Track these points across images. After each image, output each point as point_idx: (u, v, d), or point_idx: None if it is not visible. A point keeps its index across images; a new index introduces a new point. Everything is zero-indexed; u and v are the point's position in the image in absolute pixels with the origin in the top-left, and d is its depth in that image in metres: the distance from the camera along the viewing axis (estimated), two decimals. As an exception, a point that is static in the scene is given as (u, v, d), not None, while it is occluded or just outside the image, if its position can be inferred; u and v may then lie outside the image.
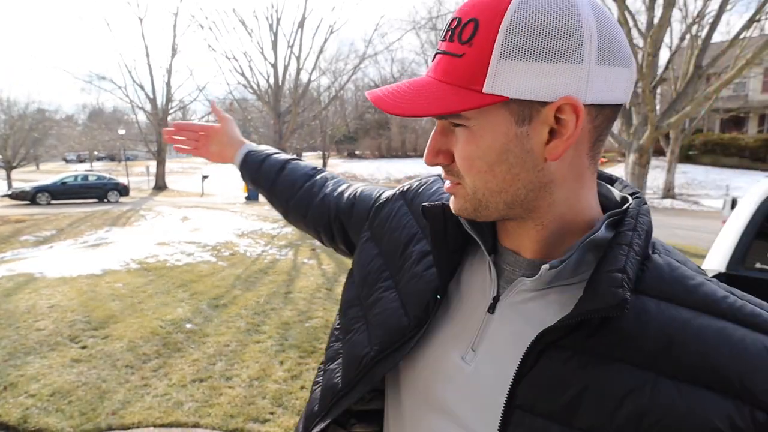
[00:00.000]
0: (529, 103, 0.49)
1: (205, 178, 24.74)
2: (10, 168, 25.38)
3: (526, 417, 0.50)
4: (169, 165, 38.40)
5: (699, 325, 0.48)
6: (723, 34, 18.43)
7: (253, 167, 1.07)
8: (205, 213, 14.76)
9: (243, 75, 15.52)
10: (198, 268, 7.36)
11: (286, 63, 16.14)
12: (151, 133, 28.21)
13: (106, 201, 20.61)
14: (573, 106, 0.48)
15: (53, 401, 3.29)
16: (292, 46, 15.94)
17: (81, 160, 56.75)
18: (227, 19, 42.83)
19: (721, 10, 7.95)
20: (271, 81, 16.06)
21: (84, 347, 4.23)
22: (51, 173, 31.14)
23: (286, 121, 15.49)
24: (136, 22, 51.68)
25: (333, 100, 20.09)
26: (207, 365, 3.90)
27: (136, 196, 22.77)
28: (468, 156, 0.53)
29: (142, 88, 25.55)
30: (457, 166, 0.54)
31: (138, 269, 7.29)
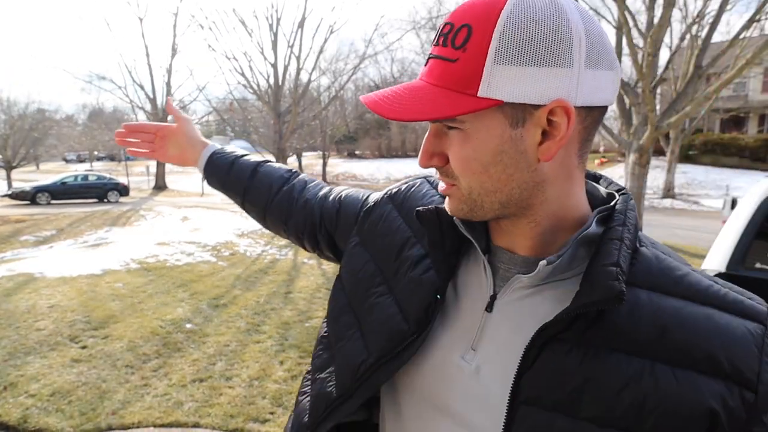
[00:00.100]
0: (523, 106, 0.50)
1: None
2: (10, 168, 25.36)
3: (530, 411, 0.51)
4: (169, 165, 38.27)
5: (688, 312, 0.51)
6: (723, 34, 18.41)
7: (221, 169, 1.00)
8: (205, 213, 14.77)
9: (243, 75, 15.50)
10: (198, 268, 7.36)
11: (286, 63, 16.12)
12: (151, 133, 28.06)
13: (106, 201, 20.60)
14: (564, 108, 0.50)
15: (53, 401, 3.29)
16: (292, 46, 15.93)
17: (81, 160, 56.72)
18: (227, 19, 42.88)
19: (721, 10, 7.94)
20: (271, 81, 16.05)
21: (84, 347, 4.23)
22: (51, 173, 31.14)
23: (286, 121, 15.49)
24: (136, 22, 51.78)
25: (333, 100, 20.08)
26: (207, 365, 3.90)
27: (136, 196, 22.77)
28: (463, 158, 0.54)
29: (142, 88, 25.55)
30: (452, 168, 0.56)
31: (138, 269, 7.29)
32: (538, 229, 0.57)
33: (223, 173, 1.00)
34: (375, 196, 0.81)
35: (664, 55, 11.75)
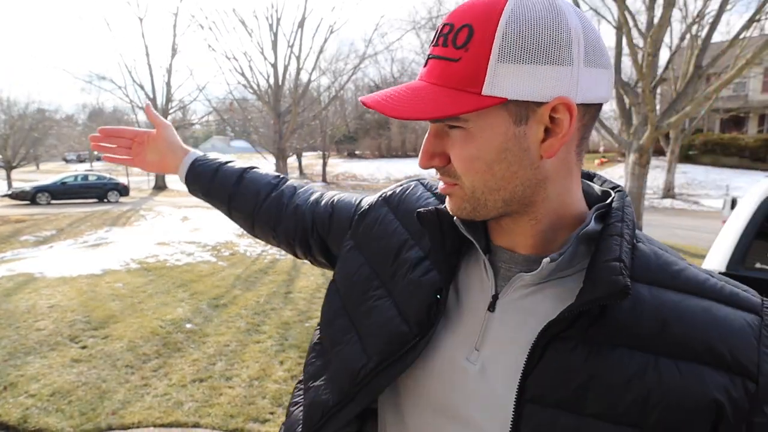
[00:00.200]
0: (526, 104, 0.51)
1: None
2: (10, 168, 25.36)
3: (536, 409, 0.52)
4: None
5: (688, 306, 0.52)
6: (723, 34, 18.42)
7: (204, 177, 0.97)
8: (205, 213, 14.76)
9: (243, 75, 15.53)
10: (198, 268, 7.36)
11: (286, 63, 16.14)
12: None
13: (106, 201, 20.60)
14: (567, 105, 0.51)
15: (53, 401, 3.29)
16: (292, 46, 15.95)
17: (81, 160, 56.77)
18: (227, 19, 42.87)
19: (721, 10, 7.95)
20: (271, 81, 16.07)
21: (84, 347, 4.23)
22: (51, 173, 31.15)
23: (286, 121, 15.50)
24: (136, 22, 51.82)
25: (333, 100, 20.09)
26: (207, 365, 3.90)
27: (136, 196, 22.76)
28: (467, 157, 0.54)
29: (142, 88, 25.54)
30: (454, 168, 0.56)
31: (138, 269, 7.29)
32: (539, 226, 0.58)
33: (207, 180, 0.97)
34: (369, 200, 0.81)
35: (664, 55, 11.75)
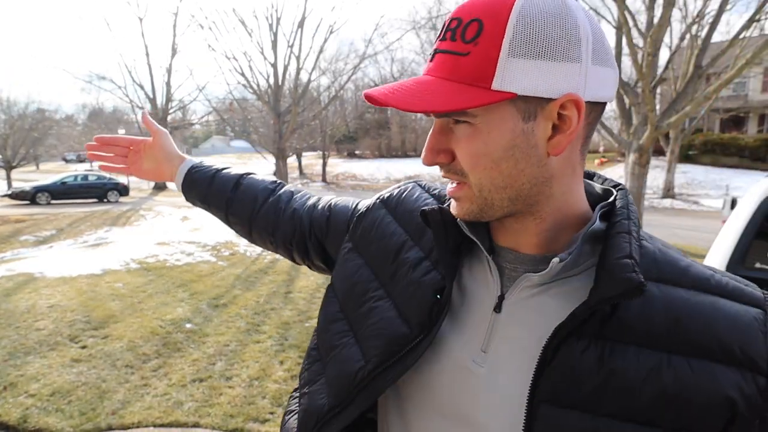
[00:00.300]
0: (535, 100, 0.51)
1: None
2: (10, 168, 25.35)
3: (550, 410, 0.51)
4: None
5: (697, 302, 0.52)
6: (723, 33, 18.40)
7: (201, 184, 0.97)
8: (205, 213, 14.74)
9: (243, 75, 15.51)
10: (198, 268, 7.37)
11: (286, 63, 16.13)
12: (151, 133, 28.05)
13: (106, 201, 20.60)
14: (575, 102, 0.51)
15: (53, 401, 3.29)
16: (292, 46, 15.94)
17: (81, 160, 56.70)
18: (227, 19, 42.86)
19: (721, 10, 7.94)
20: (271, 81, 16.06)
21: (84, 347, 4.23)
22: (51, 173, 31.12)
23: (286, 121, 15.50)
24: (136, 22, 51.75)
25: (333, 100, 20.08)
26: (207, 365, 3.90)
27: (135, 196, 22.76)
28: (474, 153, 0.53)
29: (142, 87, 25.54)
30: (460, 164, 0.55)
31: (138, 269, 7.29)
32: (544, 225, 0.57)
33: (204, 187, 0.97)
34: (366, 202, 0.80)
35: (664, 55, 11.75)
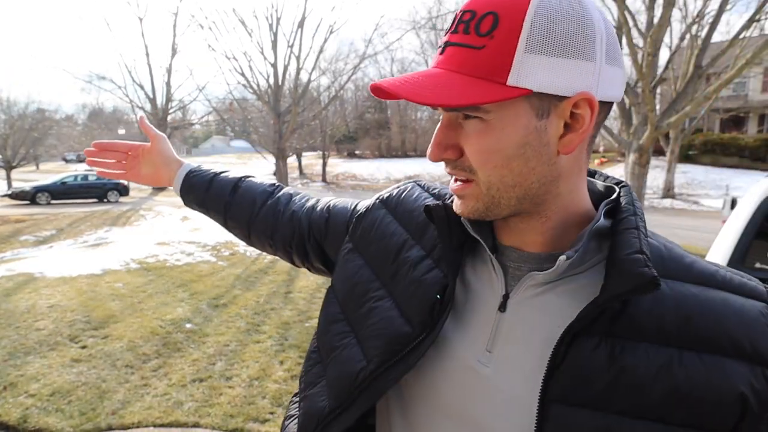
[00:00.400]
0: (549, 97, 0.50)
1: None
2: (10, 168, 25.34)
3: (561, 409, 0.50)
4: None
5: (706, 297, 0.51)
6: (723, 33, 18.40)
7: (199, 188, 0.97)
8: (205, 213, 14.77)
9: (243, 75, 15.53)
10: (198, 268, 7.36)
11: (286, 63, 16.14)
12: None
13: (105, 201, 20.60)
14: (589, 101, 0.50)
15: (53, 401, 3.29)
16: (292, 46, 15.95)
17: (81, 160, 56.67)
18: (227, 19, 42.86)
19: (721, 10, 7.94)
20: (271, 81, 16.07)
21: (84, 347, 4.23)
22: (51, 173, 31.11)
23: (286, 121, 15.50)
24: (136, 22, 51.81)
25: (333, 100, 20.10)
26: (207, 365, 3.90)
27: (135, 196, 22.76)
28: (484, 149, 0.52)
29: (142, 87, 25.55)
30: (469, 161, 0.54)
31: (138, 269, 7.29)
32: (549, 224, 0.56)
33: (202, 191, 0.96)
34: (365, 203, 0.80)
35: (664, 55, 11.76)
